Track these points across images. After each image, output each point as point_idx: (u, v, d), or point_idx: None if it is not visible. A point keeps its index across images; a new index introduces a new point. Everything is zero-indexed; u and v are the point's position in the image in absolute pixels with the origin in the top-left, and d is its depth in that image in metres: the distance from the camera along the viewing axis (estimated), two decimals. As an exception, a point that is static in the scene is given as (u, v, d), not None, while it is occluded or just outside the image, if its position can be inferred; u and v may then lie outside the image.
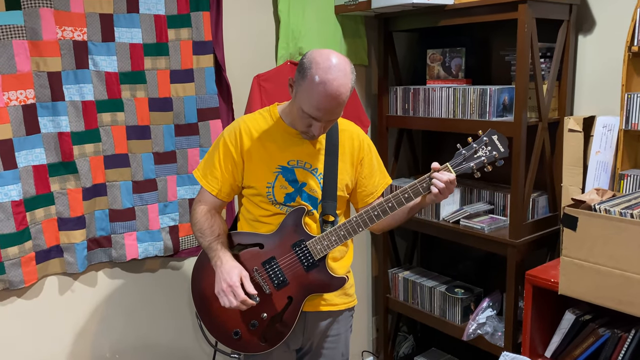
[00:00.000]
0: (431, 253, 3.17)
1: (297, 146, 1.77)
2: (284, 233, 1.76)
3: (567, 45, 2.32)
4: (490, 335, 2.47)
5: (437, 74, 2.70)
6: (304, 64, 1.60)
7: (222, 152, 1.77)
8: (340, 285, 1.80)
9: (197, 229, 1.78)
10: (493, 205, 2.61)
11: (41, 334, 2.13)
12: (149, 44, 2.17)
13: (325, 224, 1.79)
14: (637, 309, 1.75)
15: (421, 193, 1.69)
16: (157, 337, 2.43)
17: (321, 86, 1.56)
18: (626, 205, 1.82)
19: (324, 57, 1.58)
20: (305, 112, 1.62)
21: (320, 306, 1.85)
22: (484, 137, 1.68)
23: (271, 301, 1.77)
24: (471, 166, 1.68)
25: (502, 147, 1.68)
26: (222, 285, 1.67)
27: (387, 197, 1.70)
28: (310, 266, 1.76)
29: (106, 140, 2.14)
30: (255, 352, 1.80)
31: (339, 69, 1.57)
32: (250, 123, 1.79)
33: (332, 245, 1.74)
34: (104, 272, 2.26)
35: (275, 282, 1.76)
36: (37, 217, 2.03)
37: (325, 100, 1.57)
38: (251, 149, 1.76)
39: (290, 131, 1.77)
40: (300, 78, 1.60)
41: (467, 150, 1.69)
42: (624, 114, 2.04)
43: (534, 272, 2.12)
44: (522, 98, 2.21)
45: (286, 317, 1.77)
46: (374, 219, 1.71)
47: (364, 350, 3.15)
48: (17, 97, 1.94)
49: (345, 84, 1.58)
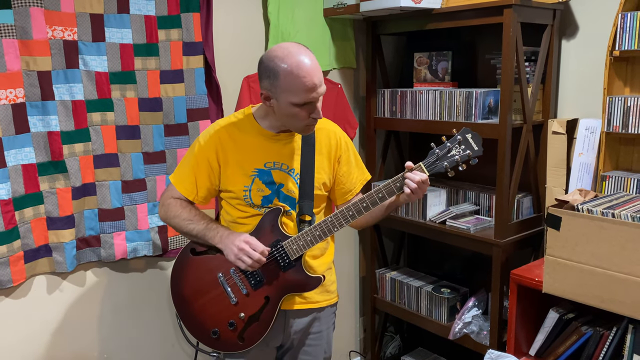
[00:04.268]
0: (418, 253, 3.20)
1: (272, 148, 1.79)
2: (261, 233, 1.78)
3: (551, 49, 2.37)
4: (476, 334, 2.50)
5: (424, 76, 2.74)
6: (268, 67, 1.62)
7: (198, 157, 1.79)
8: (317, 284, 1.81)
9: (184, 218, 1.78)
10: (478, 206, 2.65)
11: (29, 334, 2.12)
12: (139, 44, 2.18)
13: (302, 224, 1.81)
14: (619, 307, 1.80)
15: (395, 193, 1.71)
16: (146, 337, 2.43)
17: (297, 69, 1.59)
18: (608, 206, 1.87)
19: (277, 50, 1.63)
20: (298, 104, 1.63)
21: (301, 304, 1.87)
22: (458, 135, 1.68)
23: (248, 301, 1.79)
24: (445, 165, 1.68)
25: (475, 146, 1.67)
26: (234, 251, 1.70)
27: (362, 197, 1.73)
28: (286, 266, 1.77)
29: (96, 140, 2.15)
30: (234, 351, 1.82)
31: (295, 48, 1.62)
32: (226, 127, 1.80)
33: (308, 245, 1.76)
34: (92, 271, 2.26)
35: (252, 282, 1.78)
36: (26, 216, 2.03)
37: (309, 76, 1.60)
38: (227, 153, 1.77)
39: (266, 133, 1.78)
40: (274, 80, 1.62)
41: (441, 150, 1.68)
42: (605, 117, 2.08)
43: (518, 271, 2.16)
44: (507, 101, 2.25)
45: (263, 316, 1.79)
46: (349, 219, 1.73)
47: (351, 350, 3.17)
48: (7, 96, 1.94)
49: (309, 53, 1.63)
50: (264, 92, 1.67)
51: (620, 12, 2.02)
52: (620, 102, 2.03)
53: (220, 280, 1.79)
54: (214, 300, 1.81)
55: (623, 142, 2.18)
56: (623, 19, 2.00)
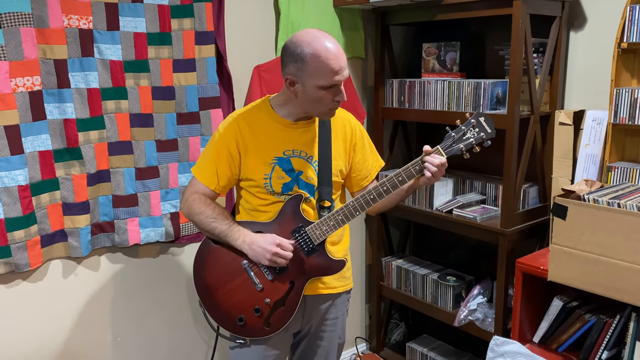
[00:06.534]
0: (423, 242, 3.24)
1: (291, 136, 1.82)
2: (283, 220, 1.82)
3: (559, 40, 2.39)
4: (481, 321, 2.55)
5: (432, 67, 2.76)
6: (295, 52, 1.67)
7: (219, 147, 1.82)
8: (341, 267, 1.86)
9: (207, 215, 1.81)
10: (485, 196, 2.68)
11: (45, 316, 2.17)
12: (152, 33, 2.21)
13: (323, 210, 1.85)
14: (622, 295, 1.83)
15: (414, 176, 1.77)
16: (158, 321, 2.48)
17: (324, 52, 1.64)
18: (614, 196, 1.90)
19: (303, 35, 1.68)
20: (325, 86, 1.68)
21: (319, 289, 1.91)
22: (472, 119, 1.75)
23: (274, 287, 1.82)
24: (461, 148, 1.75)
25: (489, 129, 1.75)
26: (266, 256, 1.74)
27: (382, 181, 1.77)
28: (310, 251, 1.81)
29: (110, 127, 2.18)
30: (259, 336, 1.85)
31: (320, 33, 1.69)
32: (244, 117, 1.83)
33: (331, 230, 1.80)
34: (107, 256, 2.31)
35: (276, 268, 1.81)
36: (43, 201, 2.07)
37: (335, 59, 1.65)
38: (247, 142, 1.81)
39: (284, 122, 1.81)
40: (301, 64, 1.66)
41: (457, 133, 1.76)
42: (612, 108, 2.11)
43: (524, 260, 2.19)
44: (515, 92, 2.27)
45: (289, 301, 1.83)
46: (370, 202, 1.78)
47: (357, 337, 3.22)
48: (24, 84, 1.97)
49: (333, 39, 1.69)
50: (289, 77, 1.71)
51: (628, 5, 2.04)
52: (628, 93, 2.05)
53: (245, 267, 1.82)
54: (239, 288, 1.83)
55: (629, 133, 2.20)
56: (632, 11, 2.02)
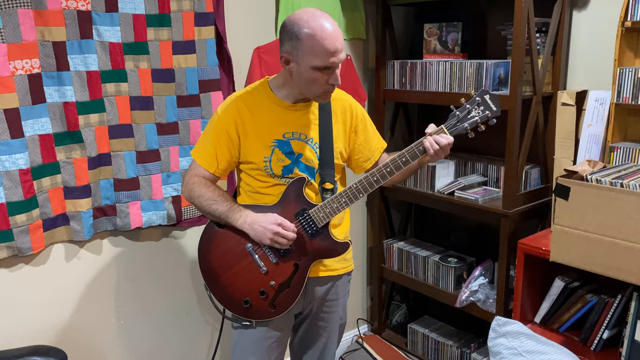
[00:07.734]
0: (425, 224, 3.25)
1: (290, 118, 1.81)
2: (287, 203, 1.81)
3: (562, 20, 2.37)
4: (483, 302, 2.56)
5: (433, 48, 2.74)
6: (291, 30, 1.65)
7: (218, 130, 1.81)
8: (345, 249, 1.87)
9: (207, 197, 1.81)
10: (486, 178, 2.68)
11: (48, 299, 2.18)
12: (151, 14, 2.18)
13: (325, 192, 1.85)
14: (625, 274, 1.84)
15: (418, 156, 1.75)
16: (161, 303, 2.49)
17: (320, 32, 1.62)
18: (616, 176, 1.90)
19: (301, 14, 1.65)
20: (318, 67, 1.65)
21: (320, 271, 1.92)
22: (477, 97, 1.73)
23: (278, 269, 1.83)
24: (465, 127, 1.73)
25: (494, 107, 1.72)
26: (267, 235, 1.74)
27: (386, 162, 1.76)
28: (314, 233, 1.82)
29: (110, 111, 2.17)
30: (264, 318, 1.87)
31: (318, 12, 1.66)
32: (243, 99, 1.82)
33: (335, 212, 1.80)
34: (109, 240, 2.31)
35: (281, 251, 1.82)
36: (44, 185, 2.07)
37: (331, 39, 1.63)
38: (246, 124, 1.80)
39: (283, 104, 1.80)
40: (295, 43, 1.64)
41: (461, 112, 1.74)
42: (615, 88, 2.10)
43: (525, 240, 2.20)
44: (517, 72, 2.26)
45: (293, 283, 1.84)
46: (374, 184, 1.77)
47: (358, 318, 3.24)
48: (23, 67, 1.95)
49: (331, 19, 1.66)
50: (284, 55, 1.69)
51: (633, -17, 2.02)
52: (631, 73, 2.04)
53: (249, 250, 1.83)
54: (244, 270, 1.84)
55: (632, 113, 2.19)
56: (636, -10, 2.00)
